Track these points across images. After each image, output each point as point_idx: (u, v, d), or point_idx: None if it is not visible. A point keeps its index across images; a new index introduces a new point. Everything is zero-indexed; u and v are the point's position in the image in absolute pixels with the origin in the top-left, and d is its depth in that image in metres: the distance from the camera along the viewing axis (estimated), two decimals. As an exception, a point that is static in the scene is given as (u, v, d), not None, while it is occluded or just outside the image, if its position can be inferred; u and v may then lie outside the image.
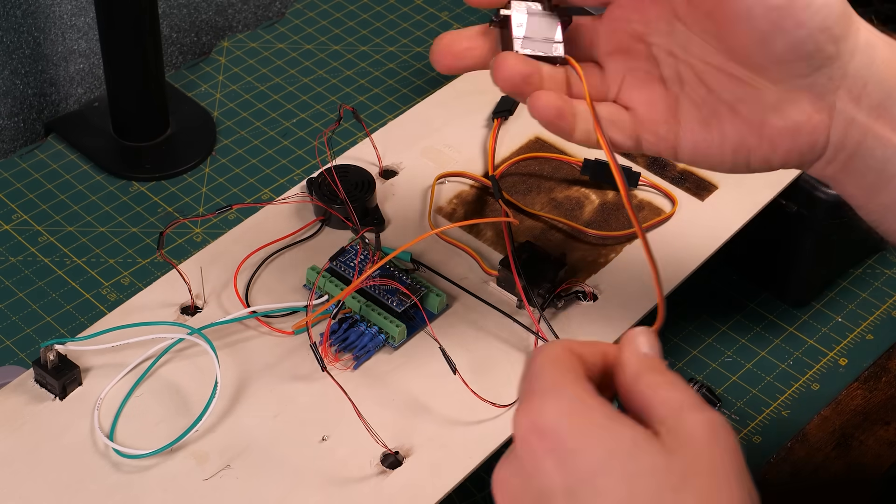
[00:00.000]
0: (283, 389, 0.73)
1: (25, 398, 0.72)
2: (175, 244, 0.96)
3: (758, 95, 0.63)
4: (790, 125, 0.63)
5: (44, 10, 1.03)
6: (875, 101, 0.62)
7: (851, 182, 0.65)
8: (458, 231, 0.82)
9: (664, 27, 0.65)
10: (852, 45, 0.62)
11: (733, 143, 0.64)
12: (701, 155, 0.65)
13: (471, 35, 0.66)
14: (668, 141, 0.65)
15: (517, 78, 0.63)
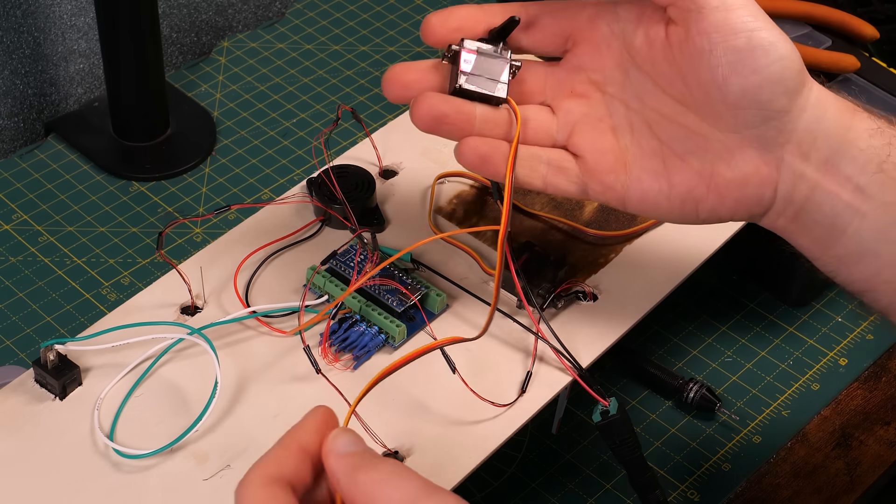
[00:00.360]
0: (283, 389, 0.73)
1: (25, 398, 0.72)
2: (175, 244, 0.96)
3: (708, 146, 0.64)
4: (738, 177, 0.64)
5: (44, 10, 1.03)
6: (823, 156, 0.63)
7: (803, 235, 0.66)
8: (458, 231, 0.82)
9: (619, 77, 0.66)
10: (804, 101, 0.63)
11: (681, 194, 0.65)
12: (649, 205, 0.66)
13: (422, 68, 0.67)
14: (615, 191, 0.66)
15: (431, 117, 0.65)
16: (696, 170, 0.65)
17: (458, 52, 0.66)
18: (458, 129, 0.66)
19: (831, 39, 0.99)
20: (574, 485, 0.82)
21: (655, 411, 0.87)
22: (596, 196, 0.67)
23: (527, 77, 0.68)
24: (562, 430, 0.85)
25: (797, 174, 0.64)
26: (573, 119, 0.67)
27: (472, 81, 0.65)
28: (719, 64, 0.62)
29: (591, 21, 0.67)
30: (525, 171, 0.67)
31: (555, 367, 0.74)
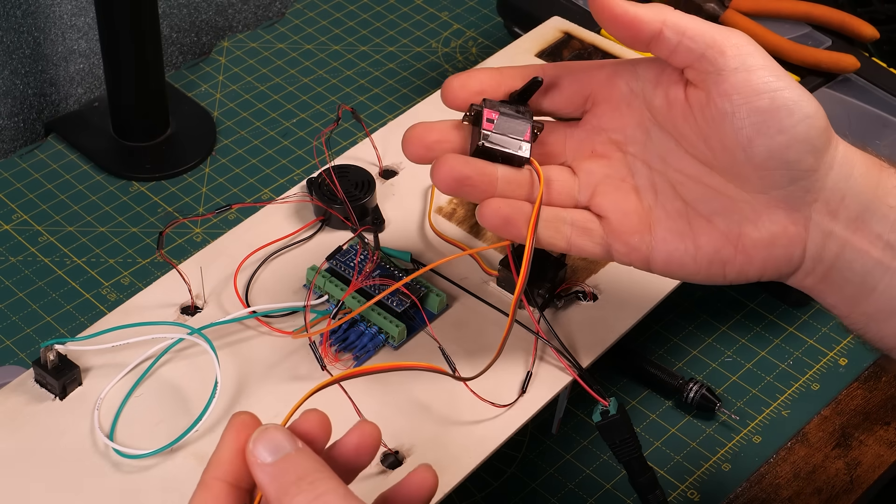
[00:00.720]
0: (283, 389, 0.73)
1: (25, 398, 0.72)
2: (175, 244, 0.96)
3: (734, 207, 0.63)
4: (766, 237, 0.63)
5: (44, 10, 1.03)
6: (853, 213, 0.63)
7: (832, 293, 0.65)
8: (458, 231, 0.82)
9: (641, 136, 0.65)
10: (830, 159, 0.62)
11: (708, 255, 0.64)
12: (675, 266, 0.65)
13: (442, 128, 0.66)
14: (640, 252, 0.65)
15: (453, 179, 0.64)
16: (722, 231, 0.64)
17: (481, 111, 0.65)
18: (481, 190, 0.65)
19: (831, 39, 0.99)
20: (574, 485, 0.83)
21: (655, 411, 0.87)
22: (620, 257, 0.66)
23: (547, 138, 0.67)
24: (562, 430, 0.85)
25: (826, 233, 0.63)
26: (595, 180, 0.66)
27: (495, 141, 0.65)
28: (743, 126, 0.61)
29: (610, 81, 0.66)
30: (549, 233, 0.66)
31: (555, 367, 0.74)
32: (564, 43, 0.95)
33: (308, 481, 0.50)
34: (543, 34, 0.96)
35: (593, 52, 0.94)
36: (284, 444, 0.51)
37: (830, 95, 0.95)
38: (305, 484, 0.50)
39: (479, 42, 1.14)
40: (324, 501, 0.49)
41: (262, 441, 0.51)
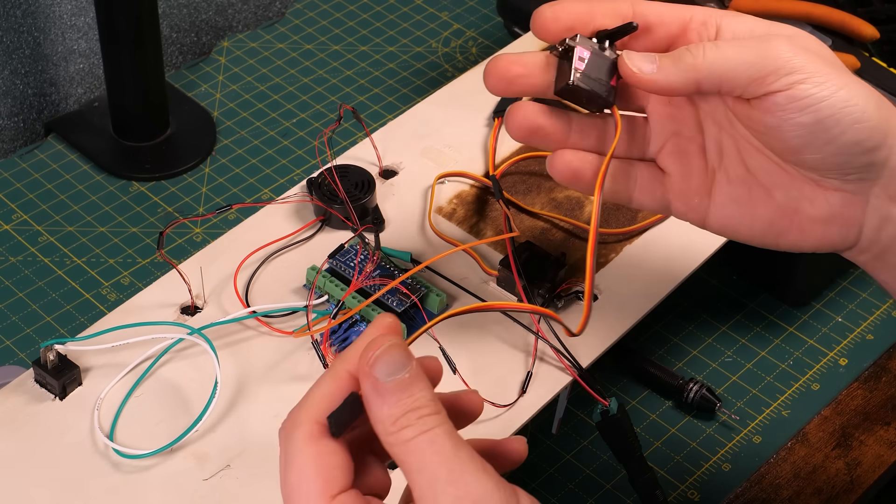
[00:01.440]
0: (283, 389, 0.73)
1: (25, 398, 0.72)
2: (175, 244, 0.96)
3: (793, 183, 0.63)
4: (822, 216, 0.63)
5: (44, 10, 1.03)
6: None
7: (885, 271, 0.65)
8: (458, 231, 0.82)
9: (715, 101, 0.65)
10: (888, 150, 0.61)
11: (763, 225, 0.64)
12: (730, 230, 0.66)
13: (527, 61, 0.65)
14: (698, 212, 0.66)
15: (527, 128, 0.64)
16: (779, 203, 0.64)
17: (573, 48, 0.63)
18: (553, 140, 0.65)
19: (831, 39, 0.99)
20: (574, 485, 0.82)
21: (655, 411, 0.87)
22: (677, 214, 0.66)
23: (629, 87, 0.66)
24: (562, 430, 0.85)
25: (883, 216, 0.63)
26: (665, 134, 0.66)
27: (585, 81, 0.63)
28: (790, 138, 0.61)
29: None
30: (616, 187, 0.66)
31: (555, 367, 0.74)
32: (564, 43, 0.95)
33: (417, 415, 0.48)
34: (543, 34, 0.96)
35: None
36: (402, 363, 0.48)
37: (830, 95, 0.95)
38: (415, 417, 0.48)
39: (479, 42, 1.14)
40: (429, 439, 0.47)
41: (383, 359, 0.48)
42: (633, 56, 0.62)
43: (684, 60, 0.61)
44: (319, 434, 0.49)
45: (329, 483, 0.48)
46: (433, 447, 0.47)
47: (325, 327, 0.74)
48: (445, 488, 0.47)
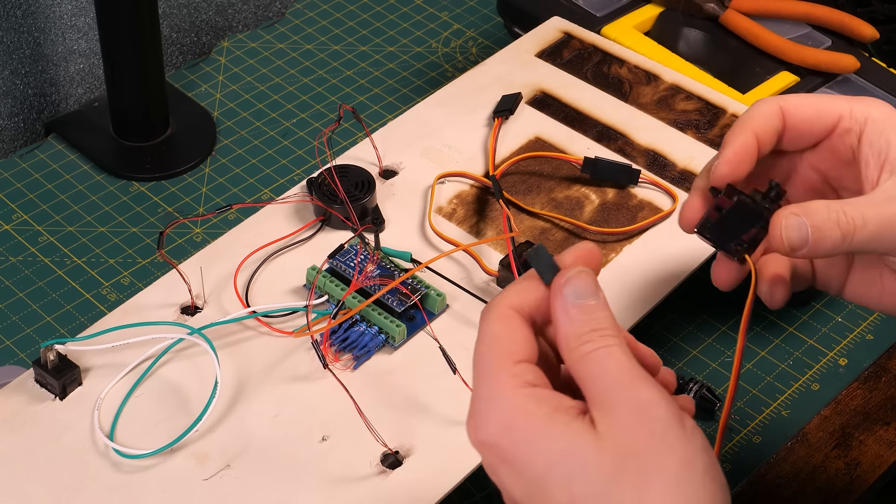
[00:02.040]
0: (283, 389, 0.73)
1: (25, 398, 0.72)
2: (175, 244, 0.96)
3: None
4: None
5: (44, 10, 1.03)
6: None
7: None
8: (458, 231, 0.82)
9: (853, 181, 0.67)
10: None
11: (892, 300, 0.67)
12: (861, 302, 0.68)
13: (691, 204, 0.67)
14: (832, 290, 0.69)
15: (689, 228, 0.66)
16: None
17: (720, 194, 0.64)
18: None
19: (831, 39, 0.99)
20: (574, 485, 0.82)
21: (655, 411, 0.87)
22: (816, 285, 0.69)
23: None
24: (562, 430, 0.85)
25: None
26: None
27: (710, 232, 0.64)
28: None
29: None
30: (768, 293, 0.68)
31: (555, 367, 0.74)
32: (564, 43, 0.95)
33: (600, 333, 0.53)
34: (543, 34, 0.96)
35: (593, 53, 0.94)
36: (589, 291, 0.54)
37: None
38: (597, 335, 0.53)
39: (479, 42, 1.14)
40: (608, 353, 0.53)
41: (573, 284, 0.54)
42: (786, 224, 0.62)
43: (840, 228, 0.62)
44: (512, 315, 0.54)
45: (514, 350, 0.53)
46: (611, 358, 0.53)
47: (325, 327, 0.74)
48: (620, 392, 0.52)
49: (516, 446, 0.52)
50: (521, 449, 0.52)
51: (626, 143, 0.88)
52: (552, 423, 0.52)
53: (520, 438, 0.52)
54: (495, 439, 0.52)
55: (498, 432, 0.52)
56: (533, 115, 0.90)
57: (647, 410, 0.52)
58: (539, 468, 0.52)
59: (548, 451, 0.52)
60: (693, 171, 0.86)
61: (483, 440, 0.53)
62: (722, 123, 0.89)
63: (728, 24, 0.99)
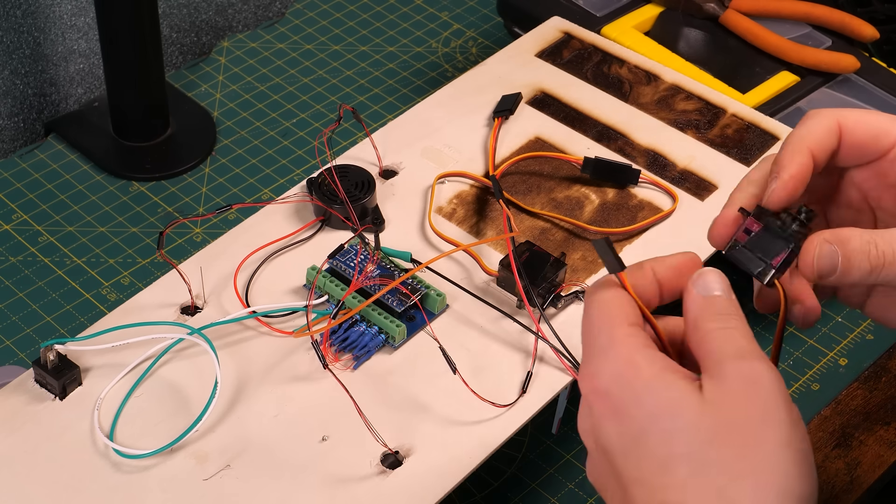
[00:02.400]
0: (283, 389, 0.73)
1: (25, 398, 0.72)
2: (175, 244, 0.96)
3: None
4: None
5: (44, 10, 1.03)
6: None
7: None
8: (458, 231, 0.82)
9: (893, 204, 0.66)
10: None
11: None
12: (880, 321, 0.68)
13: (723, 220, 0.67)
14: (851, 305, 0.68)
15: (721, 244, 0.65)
16: None
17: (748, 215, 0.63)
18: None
19: (831, 39, 0.99)
20: (574, 485, 0.82)
21: (655, 411, 0.87)
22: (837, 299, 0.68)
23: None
24: (562, 430, 0.85)
25: None
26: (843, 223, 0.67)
27: (738, 255, 0.64)
28: None
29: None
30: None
31: (555, 367, 0.74)
32: (564, 43, 0.95)
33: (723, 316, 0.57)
34: (543, 34, 0.96)
35: (593, 53, 0.94)
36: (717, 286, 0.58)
37: (830, 95, 0.95)
38: (721, 317, 0.57)
39: (479, 42, 1.14)
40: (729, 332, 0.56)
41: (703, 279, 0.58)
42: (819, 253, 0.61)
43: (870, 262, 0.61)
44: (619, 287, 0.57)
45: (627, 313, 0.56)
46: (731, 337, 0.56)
47: (325, 327, 0.74)
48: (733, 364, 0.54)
49: (625, 397, 0.54)
50: (628, 400, 0.54)
51: (626, 143, 0.88)
52: (660, 380, 0.54)
53: (629, 389, 0.54)
54: (607, 387, 0.54)
55: (610, 381, 0.54)
56: (533, 115, 0.90)
57: (756, 383, 0.53)
58: (642, 421, 0.53)
59: (653, 405, 0.53)
60: (693, 171, 0.86)
61: (596, 387, 0.55)
62: (722, 123, 0.89)
63: (728, 24, 0.99)
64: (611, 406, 0.54)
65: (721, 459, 0.52)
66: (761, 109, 0.92)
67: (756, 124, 0.89)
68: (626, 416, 0.54)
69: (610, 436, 0.55)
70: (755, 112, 0.90)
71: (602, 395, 0.55)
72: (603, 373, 0.55)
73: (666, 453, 0.53)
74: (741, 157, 0.87)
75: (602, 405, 0.55)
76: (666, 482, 0.52)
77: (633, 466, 0.53)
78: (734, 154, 0.87)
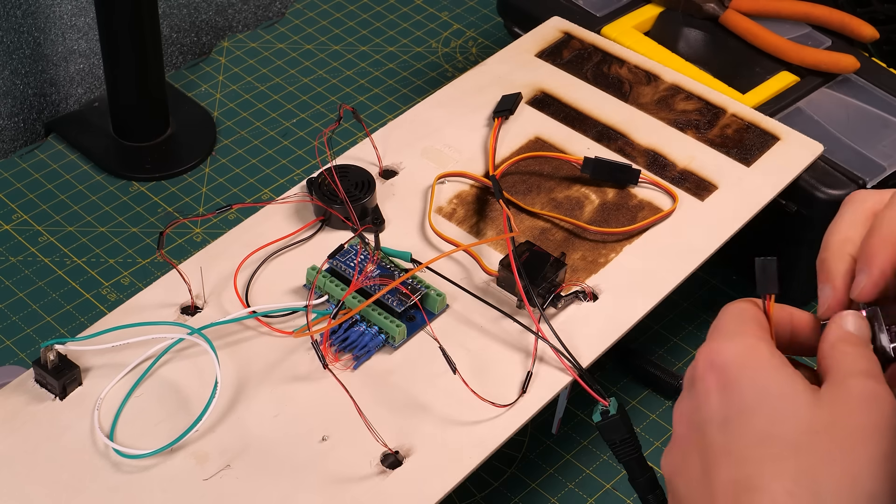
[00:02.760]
0: (283, 389, 0.73)
1: (25, 398, 0.72)
2: (175, 244, 0.96)
3: None
4: None
5: (44, 10, 1.03)
6: None
7: None
8: (458, 231, 0.82)
9: None
10: None
11: None
12: None
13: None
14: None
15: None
16: None
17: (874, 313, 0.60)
18: None
19: (831, 39, 0.99)
20: (574, 485, 0.82)
21: (655, 411, 0.87)
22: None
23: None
24: (562, 430, 0.85)
25: None
26: None
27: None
28: None
29: None
30: None
31: (555, 367, 0.74)
32: (564, 43, 0.95)
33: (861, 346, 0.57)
34: (543, 34, 0.96)
35: (593, 53, 0.94)
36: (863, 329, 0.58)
37: (830, 95, 0.95)
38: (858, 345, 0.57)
39: (479, 42, 1.14)
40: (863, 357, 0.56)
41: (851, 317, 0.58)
42: None
43: None
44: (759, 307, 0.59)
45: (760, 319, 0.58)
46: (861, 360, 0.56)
47: (326, 327, 0.74)
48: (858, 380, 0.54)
49: (741, 374, 0.55)
50: (744, 377, 0.55)
51: (626, 143, 0.88)
52: (780, 371, 0.55)
53: (747, 369, 0.55)
54: (725, 362, 0.55)
55: (729, 358, 0.55)
56: (533, 115, 0.90)
57: (876, 400, 0.54)
58: (753, 398, 0.54)
59: (768, 386, 0.54)
60: (693, 171, 0.86)
61: (713, 362, 0.56)
62: (722, 123, 0.89)
63: (728, 24, 0.99)
64: (722, 380, 0.55)
65: (825, 452, 0.52)
66: (761, 109, 0.92)
67: (756, 124, 0.89)
68: (735, 390, 0.55)
69: (712, 407, 0.55)
70: (755, 112, 0.90)
71: (717, 369, 0.55)
72: (724, 351, 0.56)
73: (770, 431, 0.53)
74: (741, 157, 0.87)
75: (713, 379, 0.55)
76: (761, 456, 0.53)
77: (729, 439, 0.54)
78: (734, 154, 0.87)
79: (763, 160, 0.87)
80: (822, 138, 0.89)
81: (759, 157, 0.87)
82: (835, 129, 0.92)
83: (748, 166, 0.86)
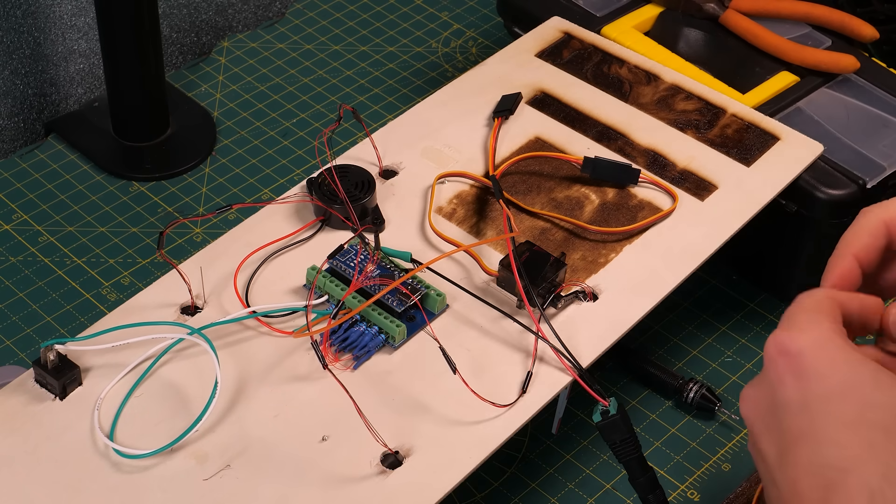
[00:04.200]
0: (283, 389, 0.73)
1: (25, 398, 0.72)
2: (175, 244, 0.96)
3: None
4: None
5: (44, 10, 1.03)
6: None
7: None
8: (458, 231, 0.82)
9: None
10: None
11: None
12: None
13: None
14: None
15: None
16: None
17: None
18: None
19: (831, 39, 0.99)
20: (574, 485, 0.82)
21: (655, 411, 0.87)
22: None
23: None
24: (562, 430, 0.85)
25: None
26: None
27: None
28: None
29: None
30: None
31: (555, 367, 0.74)
32: (564, 43, 0.95)
33: None
34: (543, 34, 0.96)
35: (593, 53, 0.94)
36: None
37: (830, 95, 0.95)
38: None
39: (479, 42, 1.14)
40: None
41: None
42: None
43: None
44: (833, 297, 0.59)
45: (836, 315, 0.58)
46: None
47: (326, 327, 0.74)
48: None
49: (819, 359, 0.55)
50: (822, 362, 0.55)
51: (626, 143, 0.88)
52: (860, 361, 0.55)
53: (825, 355, 0.56)
54: (800, 348, 0.56)
55: (807, 344, 0.56)
56: (533, 115, 0.90)
57: None
58: (834, 383, 0.55)
59: (851, 372, 0.55)
60: (693, 171, 0.86)
61: (787, 348, 0.56)
62: (722, 123, 0.89)
63: (728, 24, 0.99)
64: (798, 366, 0.56)
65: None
66: (761, 109, 0.92)
67: (756, 124, 0.89)
68: (814, 377, 0.55)
69: (788, 391, 0.55)
70: (755, 112, 0.90)
71: (792, 355, 0.56)
72: (799, 339, 0.56)
73: (858, 417, 0.54)
74: (741, 157, 0.87)
75: (787, 364, 0.56)
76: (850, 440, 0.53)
77: (809, 422, 0.54)
78: (734, 154, 0.87)
79: (763, 160, 0.87)
80: (822, 138, 0.89)
81: (759, 157, 0.87)
82: (835, 129, 0.92)
83: (748, 166, 0.86)
